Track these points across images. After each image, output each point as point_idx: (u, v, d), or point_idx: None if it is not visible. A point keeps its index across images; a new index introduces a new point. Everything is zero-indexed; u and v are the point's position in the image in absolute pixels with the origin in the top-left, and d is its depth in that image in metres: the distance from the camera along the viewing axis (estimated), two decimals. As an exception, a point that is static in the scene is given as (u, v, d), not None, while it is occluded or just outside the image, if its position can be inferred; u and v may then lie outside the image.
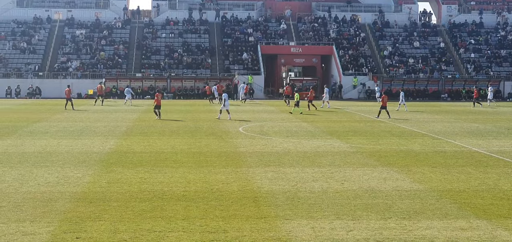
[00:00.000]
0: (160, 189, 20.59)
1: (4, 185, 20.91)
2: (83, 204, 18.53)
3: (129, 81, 75.06)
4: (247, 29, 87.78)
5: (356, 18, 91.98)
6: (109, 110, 54.15)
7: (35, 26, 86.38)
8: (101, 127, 39.56)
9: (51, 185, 21.00)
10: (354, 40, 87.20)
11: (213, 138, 34.01)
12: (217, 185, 21.32)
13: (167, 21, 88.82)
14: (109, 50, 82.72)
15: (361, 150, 30.08)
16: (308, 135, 36.34)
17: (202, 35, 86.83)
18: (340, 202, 19.06)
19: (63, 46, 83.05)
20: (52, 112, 50.69)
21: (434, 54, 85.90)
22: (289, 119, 46.22)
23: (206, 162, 25.88)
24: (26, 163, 25.21)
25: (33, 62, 79.85)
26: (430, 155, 28.61)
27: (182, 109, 55.38)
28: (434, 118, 49.10)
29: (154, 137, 34.14)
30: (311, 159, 27.09)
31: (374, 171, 24.19)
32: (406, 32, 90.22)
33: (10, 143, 31.40)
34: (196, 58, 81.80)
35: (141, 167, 24.57)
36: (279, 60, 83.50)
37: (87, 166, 24.75)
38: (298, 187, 21.10)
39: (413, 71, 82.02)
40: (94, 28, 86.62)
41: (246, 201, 19.02)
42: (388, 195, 20.07)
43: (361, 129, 39.91)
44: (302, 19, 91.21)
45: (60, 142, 31.71)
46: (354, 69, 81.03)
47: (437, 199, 19.63)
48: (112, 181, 21.73)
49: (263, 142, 32.52)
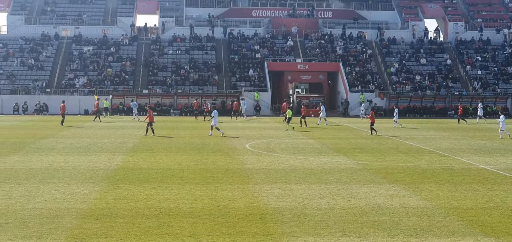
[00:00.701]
0: (167, 205, 20.57)
1: (11, 201, 20.93)
2: (90, 220, 18.52)
3: (136, 97, 75.24)
4: (254, 46, 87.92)
5: (362, 35, 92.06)
6: (116, 126, 54.22)
7: (43, 43, 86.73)
8: (107, 143, 39.60)
9: (57, 202, 21.00)
10: (361, 57, 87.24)
11: (219, 155, 34.00)
12: (224, 201, 21.28)
13: (174, 37, 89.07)
14: (116, 67, 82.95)
15: (368, 166, 30.01)
16: (315, 151, 36.30)
17: (209, 52, 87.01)
18: (347, 219, 19.01)
19: (71, 63, 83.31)
20: (59, 129, 50.77)
21: (441, 71, 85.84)
22: (295, 136, 46.18)
23: (213, 179, 25.86)
24: (33, 179, 25.23)
25: (40, 78, 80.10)
26: (437, 172, 28.52)
27: (188, 126, 55.40)
28: (441, 135, 48.98)
29: (161, 154, 34.15)
30: (317, 175, 27.04)
31: (381, 188, 24.12)
32: (413, 49, 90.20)
33: (17, 159, 31.45)
34: (203, 74, 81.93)
35: (147, 183, 24.56)
36: (285, 77, 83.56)
37: (93, 182, 24.75)
38: (304, 204, 21.06)
39: (420, 88, 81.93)
40: (101, 45, 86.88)
41: (252, 218, 18.98)
42: (395, 212, 20.00)
43: (368, 146, 39.83)
44: (308, 36, 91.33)
45: (67, 158, 31.75)
46: (360, 86, 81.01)
47: (445, 216, 19.55)
48: (119, 198, 21.73)
49: (269, 159, 32.49)
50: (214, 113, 46.74)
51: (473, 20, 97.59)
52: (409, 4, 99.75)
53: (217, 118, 46.29)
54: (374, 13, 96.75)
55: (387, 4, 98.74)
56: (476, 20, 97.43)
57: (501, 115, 50.85)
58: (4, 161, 30.73)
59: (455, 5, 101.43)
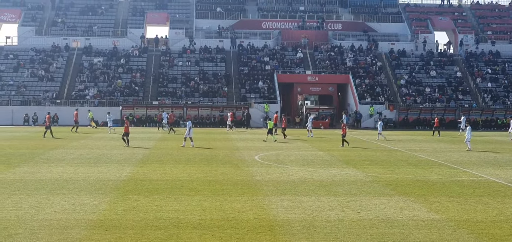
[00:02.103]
0: (176, 217, 20.58)
1: (21, 212, 20.98)
2: (99, 231, 18.54)
3: (146, 109, 75.37)
4: (263, 58, 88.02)
5: (372, 47, 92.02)
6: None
7: (53, 54, 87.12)
8: (117, 154, 39.67)
9: (67, 212, 21.04)
10: (371, 69, 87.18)
11: (229, 166, 33.99)
12: (233, 213, 21.27)
13: (184, 49, 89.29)
14: (126, 78, 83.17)
15: (378, 179, 29.94)
16: (324, 163, 36.25)
17: (219, 64, 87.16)
18: (356, 231, 18.96)
19: (81, 74, 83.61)
20: (69, 140, 50.90)
21: (450, 84, 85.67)
22: (305, 148, 46.14)
23: (222, 190, 25.85)
24: (42, 190, 25.29)
25: (51, 90, 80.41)
26: (447, 185, 28.42)
27: (198, 137, 55.39)
28: (451, 147, 48.84)
29: (170, 165, 34.18)
30: (327, 187, 26.99)
31: (391, 200, 24.06)
32: (423, 61, 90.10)
33: (27, 170, 31.54)
34: (213, 86, 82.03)
35: (157, 194, 24.58)
36: (295, 89, 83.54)
37: (103, 193, 24.79)
38: (314, 216, 21.02)
39: (430, 101, 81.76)
40: (111, 56, 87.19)
41: (262, 230, 18.95)
42: (405, 224, 19.94)
43: (378, 158, 39.75)
44: (318, 48, 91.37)
45: (76, 169, 31.82)
46: (370, 98, 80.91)
47: (454, 229, 19.47)
48: (128, 209, 21.75)
49: (279, 171, 32.46)
50: (188, 124, 47.74)
51: (483, 32, 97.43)
52: (419, 17, 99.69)
53: (191, 130, 47.14)
54: (384, 25, 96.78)
55: (397, 16, 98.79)
56: (486, 32, 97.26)
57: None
58: (14, 171, 30.83)
59: (465, 18, 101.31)
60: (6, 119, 72.47)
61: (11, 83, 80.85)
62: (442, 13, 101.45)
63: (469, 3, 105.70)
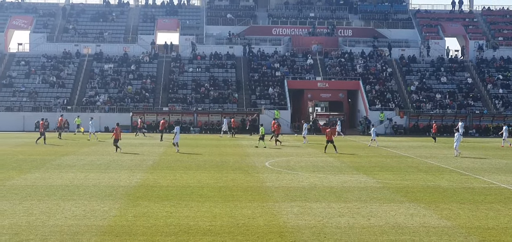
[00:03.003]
0: (186, 223, 20.60)
1: (32, 218, 21.06)
2: (110, 237, 18.58)
3: (156, 115, 75.52)
4: (273, 64, 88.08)
5: (382, 54, 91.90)
6: (135, 144, 54.41)
7: (64, 60, 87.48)
8: (127, 160, 39.75)
9: (78, 218, 21.10)
10: (381, 75, 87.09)
11: (239, 172, 34.00)
12: (243, 219, 21.27)
13: (194, 55, 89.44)
14: (137, 84, 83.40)
15: (388, 185, 29.88)
16: (335, 169, 36.21)
17: (229, 70, 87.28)
18: (367, 238, 18.93)
19: (92, 80, 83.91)
20: (80, 146, 51.05)
21: (461, 90, 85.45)
22: (315, 154, 46.09)
23: (232, 197, 25.86)
24: (53, 196, 25.37)
25: (62, 96, 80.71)
26: (458, 191, 28.32)
27: (208, 144, 55.51)
28: (462, 154, 48.66)
29: (180, 171, 34.21)
30: (337, 194, 26.95)
31: (401, 207, 24.00)
32: (433, 67, 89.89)
33: (38, 176, 31.64)
34: (223, 92, 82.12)
35: (167, 201, 24.61)
36: (305, 95, 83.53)
37: (113, 199, 24.84)
38: (324, 222, 21.00)
39: (441, 107, 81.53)
40: (122, 63, 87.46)
41: (272, 236, 18.95)
42: (415, 231, 19.88)
43: (388, 164, 39.67)
44: (328, 54, 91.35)
45: (87, 175, 31.90)
46: (381, 105, 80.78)
47: (465, 236, 19.40)
48: (139, 215, 21.79)
49: (289, 177, 32.45)
50: (176, 129, 47.94)
51: (494, 38, 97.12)
52: (429, 23, 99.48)
53: (178, 135, 47.34)
54: (394, 31, 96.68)
55: (407, 22, 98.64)
56: (497, 38, 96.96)
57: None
58: (25, 177, 30.94)
59: (476, 24, 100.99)
60: (17, 126, 72.76)
61: (22, 89, 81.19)
62: (452, 19, 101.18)
63: (480, 9, 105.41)
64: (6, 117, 75.38)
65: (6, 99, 79.82)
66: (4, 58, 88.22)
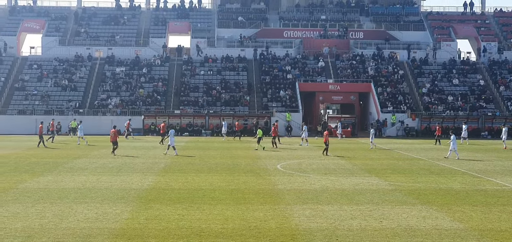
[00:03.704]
0: (198, 226, 20.62)
1: (45, 221, 21.14)
2: (121, 240, 18.63)
3: (168, 118, 75.62)
4: (285, 67, 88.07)
5: (394, 56, 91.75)
6: (148, 147, 54.52)
7: (76, 63, 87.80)
8: (139, 163, 39.84)
9: (90, 221, 21.17)
10: (392, 77, 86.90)
11: (251, 175, 34.01)
12: (255, 222, 21.28)
13: (206, 58, 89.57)
14: (148, 87, 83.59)
15: (400, 187, 29.81)
16: (346, 172, 36.16)
17: (241, 73, 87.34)
18: (379, 240, 18.89)
19: (103, 84, 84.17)
20: (92, 149, 51.20)
21: (473, 92, 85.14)
22: (326, 157, 46.01)
23: (244, 199, 25.87)
24: (66, 199, 25.46)
25: (74, 99, 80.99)
26: (470, 194, 28.23)
27: (219, 146, 55.54)
28: (474, 156, 48.50)
29: (192, 174, 34.26)
30: (349, 196, 26.92)
31: (413, 209, 23.94)
32: (445, 69, 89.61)
33: (51, 179, 31.76)
34: (235, 95, 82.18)
35: (179, 203, 24.65)
36: (317, 98, 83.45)
37: (125, 202, 24.90)
38: (336, 225, 20.98)
39: (452, 109, 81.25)
40: (133, 66, 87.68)
41: (284, 239, 18.94)
42: (428, 234, 19.83)
43: (400, 167, 39.58)
44: (340, 57, 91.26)
45: (99, 178, 31.99)
46: (392, 107, 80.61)
47: (478, 238, 19.34)
48: (151, 218, 21.83)
49: (301, 179, 32.43)
50: (171, 132, 48.04)
51: (507, 40, 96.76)
52: (441, 25, 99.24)
53: (173, 138, 47.43)
54: (406, 33, 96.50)
55: (419, 24, 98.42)
56: (510, 40, 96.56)
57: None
58: (37, 180, 31.07)
59: (488, 25, 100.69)
60: (30, 129, 73.00)
61: (35, 93, 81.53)
62: (464, 21, 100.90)
63: (492, 10, 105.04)
64: (19, 121, 75.68)
65: (18, 102, 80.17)
66: (17, 62, 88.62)
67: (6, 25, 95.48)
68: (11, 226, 20.35)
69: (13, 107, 79.21)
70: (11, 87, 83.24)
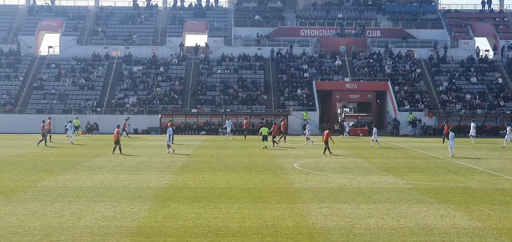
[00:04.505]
0: (215, 224, 20.65)
1: (63, 219, 21.26)
2: (139, 239, 18.70)
3: (185, 117, 75.83)
4: (302, 65, 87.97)
5: (411, 54, 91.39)
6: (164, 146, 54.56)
7: (94, 63, 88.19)
8: (157, 162, 39.96)
9: (107, 220, 21.27)
10: (410, 76, 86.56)
11: (268, 174, 34.02)
12: (272, 221, 21.28)
13: (223, 57, 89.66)
14: (165, 86, 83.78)
15: (417, 186, 29.71)
16: (364, 171, 36.08)
17: (257, 71, 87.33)
18: (396, 239, 18.84)
19: (121, 83, 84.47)
20: (109, 148, 51.34)
21: (492, 90, 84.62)
22: (343, 156, 45.93)
23: (261, 198, 25.88)
24: (83, 198, 25.58)
25: (91, 98, 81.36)
26: (488, 192, 28.08)
27: (236, 145, 55.58)
28: (492, 155, 48.24)
29: (209, 173, 34.31)
30: (366, 195, 26.86)
31: (431, 208, 23.85)
32: (463, 67, 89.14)
33: (69, 177, 31.93)
34: (251, 94, 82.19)
35: (196, 202, 24.70)
36: (334, 96, 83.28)
37: (143, 201, 24.99)
38: (353, 223, 20.94)
39: (471, 107, 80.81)
40: (150, 65, 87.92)
41: (301, 237, 18.94)
42: (446, 232, 19.75)
43: (417, 165, 39.44)
44: (357, 55, 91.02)
45: (116, 177, 32.12)
46: (409, 105, 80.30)
47: (497, 237, 19.23)
48: (168, 216, 21.89)
49: (318, 178, 32.40)
50: (168, 131, 48.02)
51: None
52: (459, 23, 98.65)
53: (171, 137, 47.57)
54: (423, 31, 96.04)
55: (436, 22, 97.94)
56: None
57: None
58: (56, 179, 31.24)
59: (507, 23, 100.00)
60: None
61: (53, 92, 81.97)
62: (483, 19, 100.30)
63: (510, 8, 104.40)
64: (37, 120, 75.86)
65: (37, 101, 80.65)
66: (35, 61, 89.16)
67: (25, 25, 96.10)
68: (29, 224, 20.49)
69: (31, 106, 79.69)
70: (30, 86, 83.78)
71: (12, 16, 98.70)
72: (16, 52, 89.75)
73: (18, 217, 21.64)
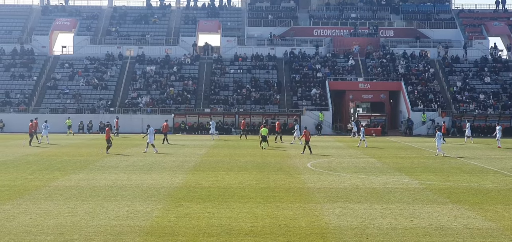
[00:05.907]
0: (228, 224, 20.66)
1: (76, 218, 21.34)
2: (152, 238, 18.74)
3: (198, 116, 76.02)
4: (315, 65, 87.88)
5: (425, 54, 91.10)
6: (178, 145, 54.73)
7: (107, 62, 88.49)
8: (170, 161, 40.02)
9: (121, 219, 21.32)
10: (423, 75, 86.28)
11: (281, 173, 34.01)
12: (285, 220, 21.27)
13: (236, 57, 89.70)
14: (178, 86, 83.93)
15: (431, 186, 29.61)
16: (377, 170, 36.00)
17: (270, 71, 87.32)
18: (409, 239, 18.79)
19: (134, 82, 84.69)
20: (123, 147, 51.52)
21: (506, 90, 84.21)
22: (357, 155, 45.86)
23: (274, 197, 25.87)
24: (97, 197, 25.66)
25: (105, 97, 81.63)
26: (502, 193, 27.95)
27: (249, 145, 55.57)
28: (506, 155, 48.01)
29: (222, 172, 34.33)
30: (379, 195, 26.80)
31: (444, 208, 23.76)
32: (477, 67, 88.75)
33: (82, 177, 32.04)
34: (264, 93, 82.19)
35: (209, 202, 24.72)
36: (347, 96, 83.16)
37: (156, 200, 25.03)
38: (366, 223, 20.89)
39: (484, 107, 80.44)
40: (164, 64, 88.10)
41: (314, 237, 18.92)
42: (459, 233, 19.68)
43: (431, 165, 39.30)
44: (370, 55, 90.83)
45: (130, 176, 32.20)
46: (423, 105, 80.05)
47: (511, 238, 19.15)
48: (181, 216, 21.92)
49: (331, 178, 32.35)
50: (149, 130, 47.87)
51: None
52: (472, 22, 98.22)
53: (152, 136, 47.45)
54: (437, 31, 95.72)
55: (450, 22, 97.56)
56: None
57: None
58: (69, 178, 31.36)
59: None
60: (62, 127, 73.63)
61: (66, 91, 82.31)
62: (497, 19, 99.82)
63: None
64: (51, 119, 75.85)
65: (50, 101, 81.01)
66: (49, 61, 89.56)
67: (39, 25, 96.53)
68: (43, 223, 20.58)
69: (45, 106, 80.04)
70: (43, 86, 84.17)
71: (26, 16, 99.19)
72: (30, 52, 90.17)
73: (32, 216, 21.74)
